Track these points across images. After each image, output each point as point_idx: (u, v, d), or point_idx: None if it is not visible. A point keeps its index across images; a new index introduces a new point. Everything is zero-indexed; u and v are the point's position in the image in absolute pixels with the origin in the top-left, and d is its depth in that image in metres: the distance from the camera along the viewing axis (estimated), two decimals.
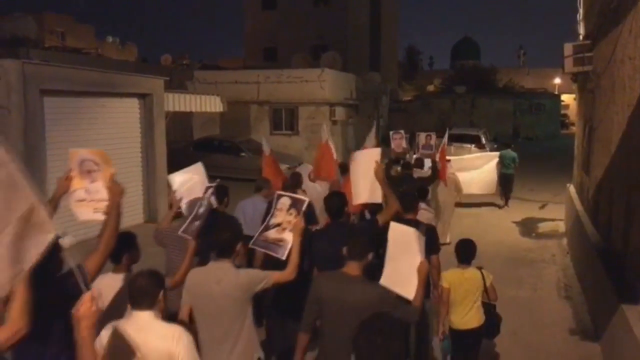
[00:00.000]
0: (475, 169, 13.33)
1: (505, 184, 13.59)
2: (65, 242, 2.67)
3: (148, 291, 2.83)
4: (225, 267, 3.53)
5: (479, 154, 15.22)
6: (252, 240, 4.11)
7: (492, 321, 4.79)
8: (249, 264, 4.67)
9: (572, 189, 11.39)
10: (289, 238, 3.87)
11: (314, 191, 6.97)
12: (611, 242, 6.50)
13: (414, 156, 10.67)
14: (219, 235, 3.65)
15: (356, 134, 24.16)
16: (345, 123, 23.14)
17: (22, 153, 8.37)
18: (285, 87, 21.41)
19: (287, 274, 3.67)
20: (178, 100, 13.15)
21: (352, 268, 3.41)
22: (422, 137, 11.59)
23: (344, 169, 7.42)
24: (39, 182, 8.70)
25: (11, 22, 22.07)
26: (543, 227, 11.91)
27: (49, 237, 2.37)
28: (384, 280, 3.54)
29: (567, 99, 41.27)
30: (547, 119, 36.82)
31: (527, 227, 11.84)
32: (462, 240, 4.90)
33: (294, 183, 6.33)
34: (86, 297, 2.23)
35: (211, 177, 5.42)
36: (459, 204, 11.53)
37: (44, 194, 8.78)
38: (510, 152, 13.74)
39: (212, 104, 15.21)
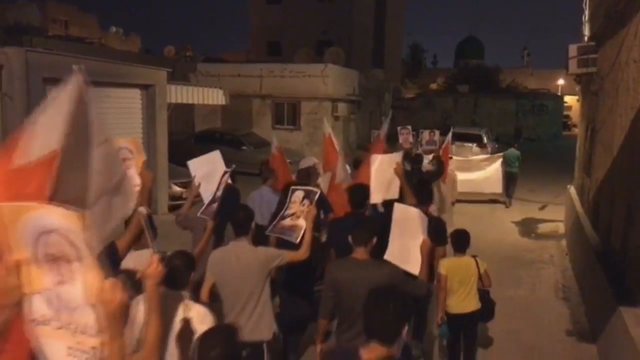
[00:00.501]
0: (481, 170, 13.65)
1: (509, 182, 13.88)
2: (142, 210, 3.18)
3: (182, 272, 3.07)
4: (244, 244, 3.95)
5: (483, 156, 15.37)
6: (269, 229, 4.60)
7: (487, 306, 5.08)
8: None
9: (572, 190, 11.38)
10: (302, 224, 4.32)
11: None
12: (610, 245, 6.50)
13: (416, 152, 10.79)
14: (234, 215, 4.04)
15: (358, 130, 24.15)
16: (347, 119, 23.12)
17: None
18: (288, 82, 21.39)
19: (300, 254, 4.10)
20: (180, 92, 13.12)
21: (360, 253, 3.69)
22: (425, 134, 11.73)
23: (357, 163, 7.79)
24: None
25: (15, 10, 22.06)
26: (543, 227, 11.91)
27: (131, 205, 2.79)
28: (387, 256, 3.89)
29: (570, 100, 41.18)
30: (549, 120, 36.73)
31: (527, 227, 11.84)
32: (456, 230, 5.19)
33: (306, 176, 6.47)
34: (153, 258, 2.41)
35: None
36: (459, 201, 11.55)
37: None
38: (514, 151, 14.06)
39: (215, 97, 15.18)
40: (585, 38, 10.35)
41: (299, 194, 4.62)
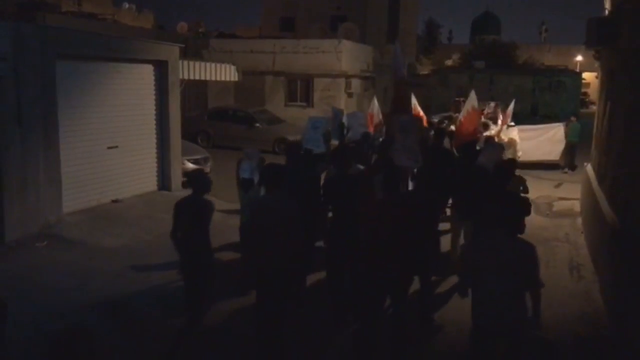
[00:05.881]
0: (540, 137, 15.46)
1: (571, 151, 15.65)
2: None
3: None
4: None
5: (543, 125, 16.81)
6: None
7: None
8: None
9: (589, 168, 11.22)
10: None
11: None
12: (627, 224, 6.41)
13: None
14: None
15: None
16: (361, 96, 22.94)
17: (37, 115, 8.40)
18: (301, 58, 21.22)
19: None
20: (193, 68, 13.06)
21: None
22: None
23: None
24: (53, 143, 8.75)
25: None
26: (558, 205, 11.80)
27: None
28: None
29: (589, 77, 40.39)
30: (566, 97, 36.00)
31: (542, 205, 11.72)
32: (510, 158, 7.82)
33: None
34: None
35: (225, 148, 5.79)
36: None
37: (56, 156, 8.81)
38: (576, 124, 15.93)
39: (227, 73, 15.11)
40: (606, 12, 10.08)
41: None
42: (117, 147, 10.28)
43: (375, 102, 12.14)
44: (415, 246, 5.15)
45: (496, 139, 12.10)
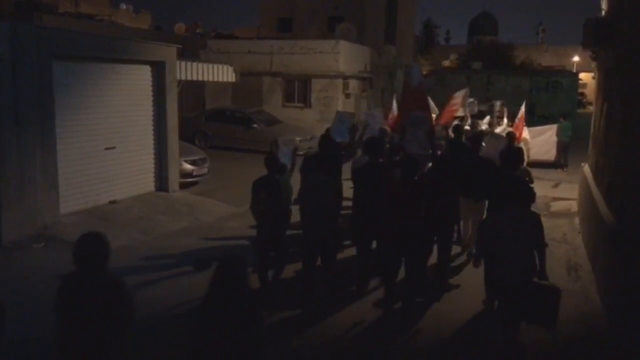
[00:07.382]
0: (536, 138, 15.79)
1: (564, 150, 16.31)
2: None
3: None
4: None
5: (538, 127, 17.22)
6: None
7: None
8: None
9: (586, 168, 11.23)
10: None
11: None
12: (625, 224, 6.41)
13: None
14: None
15: (369, 108, 23.93)
16: (359, 97, 22.93)
17: (34, 116, 8.38)
18: (298, 59, 21.19)
19: None
20: (190, 69, 13.05)
21: None
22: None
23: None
24: (50, 144, 8.74)
25: None
26: (555, 206, 11.80)
27: None
28: None
29: (586, 77, 40.47)
30: (564, 98, 36.08)
31: (539, 205, 11.71)
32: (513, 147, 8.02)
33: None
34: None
35: (223, 149, 5.81)
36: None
37: (54, 157, 8.77)
38: (567, 123, 16.62)
39: (224, 74, 15.09)
40: (603, 12, 10.10)
41: None
42: (115, 148, 10.27)
43: (395, 103, 13.01)
44: (434, 218, 6.11)
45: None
